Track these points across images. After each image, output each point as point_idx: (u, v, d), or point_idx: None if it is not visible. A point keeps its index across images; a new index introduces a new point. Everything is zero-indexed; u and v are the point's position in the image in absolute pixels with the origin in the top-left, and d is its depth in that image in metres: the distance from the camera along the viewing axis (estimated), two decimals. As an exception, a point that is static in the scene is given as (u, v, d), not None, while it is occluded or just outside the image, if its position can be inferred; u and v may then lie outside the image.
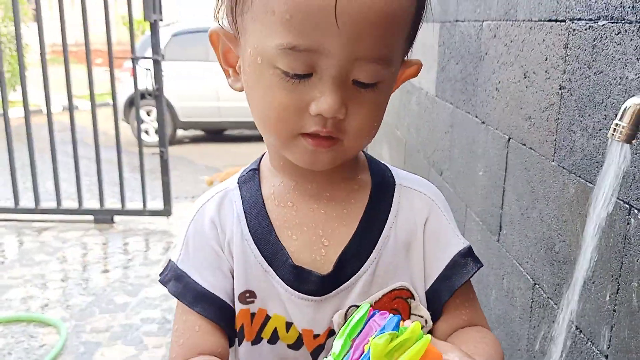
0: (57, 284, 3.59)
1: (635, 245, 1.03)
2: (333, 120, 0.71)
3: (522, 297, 1.51)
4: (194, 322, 0.81)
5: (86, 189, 5.03)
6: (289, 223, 0.83)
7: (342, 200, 0.84)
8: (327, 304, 0.81)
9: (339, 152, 0.75)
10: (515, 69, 1.55)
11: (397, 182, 0.87)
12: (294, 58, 0.68)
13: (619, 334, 1.08)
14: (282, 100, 0.71)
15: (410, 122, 2.76)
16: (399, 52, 0.75)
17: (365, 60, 0.69)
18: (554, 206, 1.33)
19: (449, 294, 0.83)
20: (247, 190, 0.86)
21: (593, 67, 1.17)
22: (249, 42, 0.73)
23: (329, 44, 0.67)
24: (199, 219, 0.85)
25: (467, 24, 1.94)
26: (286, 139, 0.74)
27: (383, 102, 0.76)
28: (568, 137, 1.26)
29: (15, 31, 4.50)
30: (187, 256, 0.84)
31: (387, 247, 0.82)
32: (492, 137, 1.71)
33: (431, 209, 0.86)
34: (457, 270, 0.83)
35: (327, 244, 0.82)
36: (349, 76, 0.70)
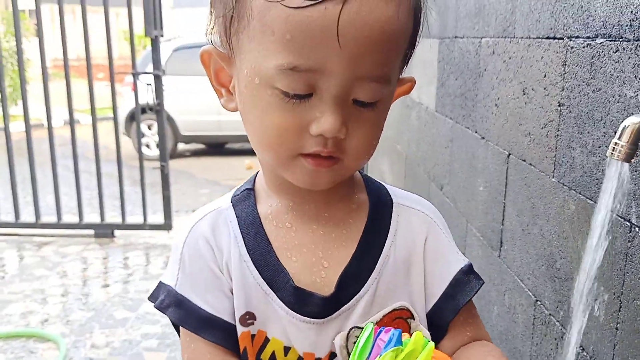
0: (57, 299, 3.58)
1: (636, 262, 1.03)
2: (334, 140, 0.70)
3: (524, 314, 1.51)
4: (203, 349, 0.80)
5: (87, 202, 5.02)
6: (288, 244, 0.81)
7: (341, 220, 0.83)
8: (328, 326, 0.80)
9: (338, 172, 0.75)
10: (514, 85, 1.56)
11: (395, 200, 0.86)
12: (295, 78, 0.67)
13: (622, 352, 1.07)
14: (282, 120, 0.70)
15: (410, 137, 2.77)
16: (397, 70, 0.75)
17: (366, 79, 0.69)
18: (554, 222, 1.33)
19: (453, 312, 0.82)
20: (242, 210, 0.84)
21: (591, 85, 1.17)
22: (245, 62, 0.72)
23: (330, 63, 0.66)
24: (193, 240, 0.82)
25: (466, 40, 1.94)
26: (285, 159, 0.73)
27: (382, 120, 0.76)
28: (567, 154, 1.27)
29: (16, 46, 4.53)
30: (185, 280, 0.81)
31: (387, 267, 0.81)
32: (492, 152, 1.71)
33: (430, 227, 0.85)
34: (460, 289, 0.83)
35: (327, 266, 0.81)
36: (349, 95, 0.70)
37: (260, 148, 0.76)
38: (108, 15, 4.32)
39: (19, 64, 4.55)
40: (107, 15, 4.30)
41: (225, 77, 0.79)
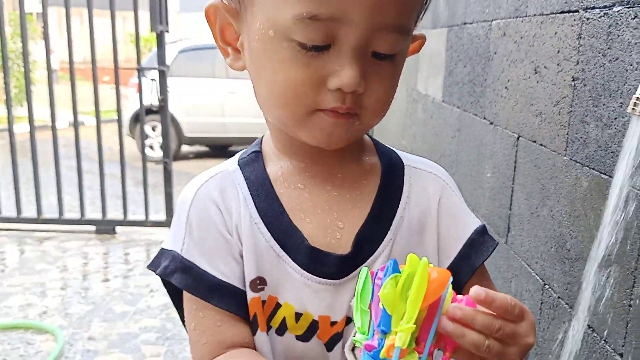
0: (56, 292, 3.54)
1: (652, 235, 0.98)
2: (352, 95, 0.67)
3: (530, 299, 1.46)
4: (213, 317, 0.75)
5: (89, 202, 4.99)
6: (301, 206, 0.78)
7: (354, 182, 0.80)
8: (345, 287, 0.76)
9: (355, 129, 0.72)
10: (525, 65, 1.52)
11: (406, 163, 0.84)
12: (314, 28, 0.64)
13: (635, 330, 1.03)
14: (298, 74, 0.67)
15: (416, 131, 2.73)
16: (413, 23, 0.72)
17: (386, 29, 0.66)
18: (565, 202, 1.29)
19: (470, 272, 0.80)
20: (250, 172, 0.80)
21: (608, 55, 1.13)
22: (258, 14, 0.68)
23: (352, 12, 0.63)
24: (200, 203, 0.78)
25: (476, 25, 1.91)
26: (302, 115, 0.70)
27: (398, 75, 0.73)
28: (581, 129, 1.23)
29: (22, 48, 4.52)
30: (192, 245, 0.76)
31: (402, 228, 0.79)
32: (500, 137, 1.67)
33: (443, 189, 0.83)
34: (475, 249, 0.80)
35: (342, 227, 0.78)
36: (369, 48, 0.67)
37: (274, 105, 0.73)
38: (114, 18, 4.31)
39: (25, 65, 4.54)
40: (114, 17, 4.29)
41: (231, 34, 0.76)
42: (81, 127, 4.66)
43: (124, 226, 4.67)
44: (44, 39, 4.38)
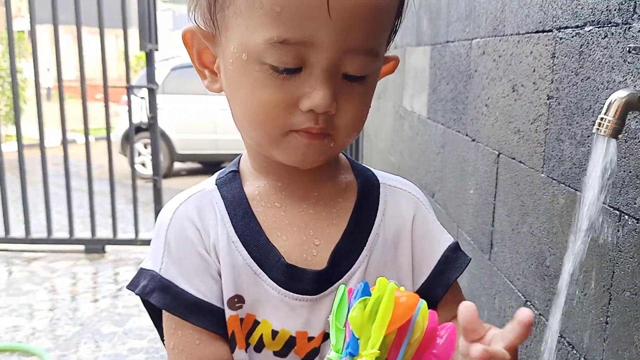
0: (44, 314, 3.52)
1: (626, 252, 0.99)
2: (324, 116, 0.69)
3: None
4: (191, 335, 0.76)
5: (80, 220, 4.97)
6: (278, 224, 0.79)
7: (331, 200, 0.82)
8: (322, 303, 0.78)
9: (328, 149, 0.74)
10: (503, 83, 1.53)
11: (381, 181, 0.86)
12: (284, 52, 0.66)
13: (612, 347, 1.03)
14: (272, 96, 0.68)
15: (403, 147, 2.74)
16: (384, 44, 0.75)
17: (356, 52, 0.68)
18: (544, 219, 1.30)
19: (444, 289, 0.82)
20: (228, 191, 0.81)
21: (580, 74, 1.15)
22: (232, 38, 0.70)
23: (320, 35, 0.65)
24: (178, 222, 0.79)
25: (457, 43, 1.93)
26: (276, 136, 0.72)
27: (370, 96, 0.75)
28: (557, 147, 1.24)
29: (10, 66, 4.53)
30: (171, 264, 0.77)
31: (377, 245, 0.81)
32: (482, 153, 1.69)
33: (417, 206, 0.85)
34: (449, 265, 0.83)
35: (319, 243, 0.79)
36: (340, 69, 0.68)
37: (249, 127, 0.74)
38: (103, 35, 4.31)
39: (13, 83, 4.54)
40: (102, 35, 4.30)
41: (208, 57, 0.78)
42: (73, 145, 4.66)
43: (114, 245, 4.65)
44: (33, 57, 4.38)
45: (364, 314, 0.58)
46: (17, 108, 4.58)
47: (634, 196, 0.97)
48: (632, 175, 0.98)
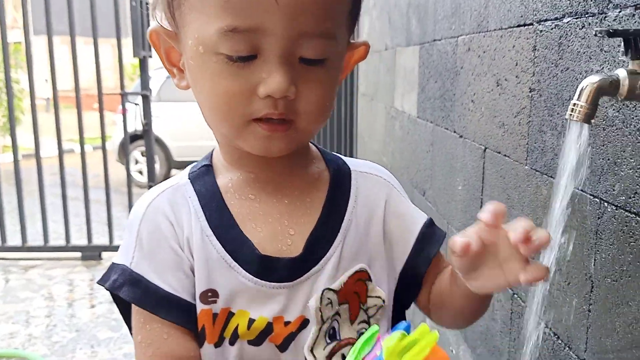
0: (40, 321, 3.51)
1: (606, 239, 1.00)
2: (284, 101, 0.69)
3: (502, 310, 1.46)
4: (160, 329, 0.76)
5: (77, 228, 4.96)
6: (252, 215, 0.80)
7: (304, 190, 0.83)
8: (299, 289, 0.78)
9: (293, 137, 0.74)
10: (488, 78, 1.54)
11: (352, 168, 0.87)
12: (236, 40, 0.67)
13: (594, 334, 1.03)
14: (229, 86, 0.69)
15: (394, 147, 2.75)
16: (343, 28, 0.74)
17: (309, 35, 0.68)
18: (528, 210, 1.30)
19: (426, 264, 0.85)
20: (201, 185, 0.82)
21: (560, 65, 1.16)
22: (189, 33, 0.71)
23: (269, 22, 0.65)
24: (151, 216, 0.79)
25: (444, 41, 1.94)
26: (238, 126, 0.72)
27: (332, 80, 0.75)
28: (539, 139, 1.24)
29: (4, 76, 4.55)
30: (142, 258, 0.77)
31: (351, 230, 0.82)
32: (469, 149, 1.69)
33: (389, 190, 0.87)
34: (427, 241, 0.85)
35: (293, 233, 0.80)
36: (295, 54, 0.69)
37: (213, 118, 0.75)
38: (97, 44, 4.33)
39: (8, 94, 4.56)
40: (96, 43, 4.31)
41: (175, 55, 0.79)
42: (71, 155, 4.67)
43: (110, 252, 4.64)
44: (28, 68, 4.40)
45: (398, 344, 0.60)
46: (13, 118, 4.59)
47: (612, 183, 0.98)
48: (611, 162, 0.99)
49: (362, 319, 0.82)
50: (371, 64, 3.36)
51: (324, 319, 0.79)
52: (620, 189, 0.95)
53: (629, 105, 0.93)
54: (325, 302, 0.79)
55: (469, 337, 1.71)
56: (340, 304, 0.80)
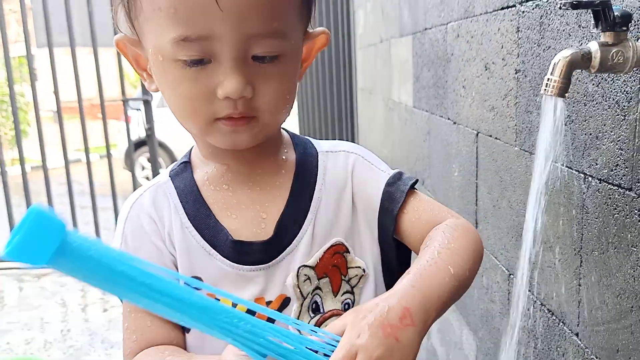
0: (55, 326, 3.56)
1: (592, 212, 1.01)
2: (242, 100, 0.73)
3: (499, 291, 1.48)
4: (144, 318, 0.81)
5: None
6: (227, 204, 0.85)
7: (272, 174, 0.87)
8: (275, 270, 0.82)
9: (257, 129, 0.77)
10: (477, 62, 1.56)
11: (319, 150, 0.90)
12: (189, 48, 0.70)
13: (586, 308, 1.05)
14: (190, 90, 0.73)
15: (393, 139, 2.77)
16: (294, 24, 0.77)
17: (259, 36, 0.71)
18: (520, 191, 1.32)
19: (392, 222, 0.84)
20: (180, 181, 0.87)
21: (542, 45, 1.17)
22: (149, 42, 0.75)
23: (217, 28, 0.69)
24: (135, 215, 0.85)
25: (435, 29, 1.95)
26: (203, 126, 0.77)
27: (290, 74, 0.78)
28: (526, 119, 1.26)
29: (9, 89, 4.60)
30: None
31: (321, 208, 0.85)
32: (463, 135, 1.71)
33: (355, 160, 0.89)
34: (390, 200, 0.84)
35: (265, 217, 0.84)
36: (247, 54, 0.72)
37: (180, 120, 0.80)
38: (97, 53, 4.37)
39: (13, 107, 4.61)
40: (96, 52, 4.35)
41: (142, 61, 0.83)
42: (78, 164, 4.71)
43: (121, 256, 4.68)
44: (30, 81, 4.47)
45: None
46: (19, 131, 4.66)
47: (595, 157, 0.99)
48: (593, 137, 1.00)
49: (345, 289, 0.85)
50: (368, 57, 3.38)
51: (303, 294, 0.82)
52: (603, 163, 0.97)
53: (607, 79, 0.95)
54: (303, 279, 0.82)
55: (470, 321, 1.73)
56: (320, 278, 0.83)
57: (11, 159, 10.01)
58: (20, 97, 10.17)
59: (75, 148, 8.41)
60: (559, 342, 1.16)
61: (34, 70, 4.61)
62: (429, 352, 2.30)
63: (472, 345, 1.73)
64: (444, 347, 2.04)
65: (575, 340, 1.09)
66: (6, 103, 10.89)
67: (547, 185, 0.87)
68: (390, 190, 0.85)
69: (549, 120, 0.83)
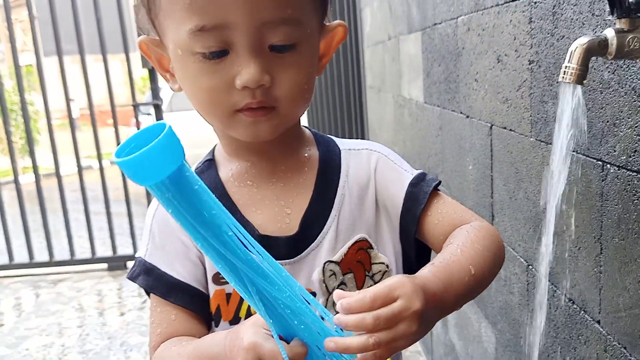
0: (72, 331, 3.59)
1: (611, 200, 1.01)
2: (260, 89, 0.74)
3: (518, 282, 1.48)
4: (169, 312, 0.84)
5: (101, 242, 5.03)
6: (252, 200, 0.86)
7: (296, 171, 0.88)
8: (301, 265, 0.84)
9: (277, 120, 0.79)
10: (489, 55, 1.56)
11: (342, 148, 0.92)
12: (207, 38, 0.72)
13: (607, 295, 1.05)
14: (209, 82, 0.75)
15: (405, 135, 2.77)
16: (309, 12, 0.78)
17: (273, 23, 0.72)
18: (536, 182, 1.32)
19: (414, 224, 0.85)
20: (205, 178, 0.88)
21: (555, 34, 1.18)
22: (169, 39, 0.77)
23: (233, 16, 0.70)
24: (162, 211, 0.87)
25: (445, 24, 1.96)
26: (224, 118, 0.78)
27: (307, 64, 0.79)
28: (541, 109, 1.26)
29: (19, 98, 4.65)
30: (154, 249, 0.86)
31: (344, 204, 0.87)
32: (476, 128, 1.71)
33: (378, 158, 0.90)
34: (413, 200, 0.86)
35: (290, 212, 0.86)
36: (264, 43, 0.73)
37: (202, 113, 0.82)
38: (106, 60, 4.40)
39: (24, 115, 4.67)
40: (105, 59, 4.39)
41: (165, 61, 0.84)
42: (90, 171, 4.75)
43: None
44: (41, 89, 4.52)
45: None
46: (31, 139, 4.71)
47: (613, 144, 1.00)
48: (610, 124, 1.00)
49: (368, 284, 0.86)
50: (376, 55, 3.38)
51: (329, 289, 0.84)
52: (621, 149, 0.97)
53: (623, 66, 0.95)
54: (328, 274, 0.84)
55: (489, 313, 1.73)
56: (345, 274, 0.84)
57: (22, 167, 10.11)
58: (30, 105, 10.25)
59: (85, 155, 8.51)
60: (581, 330, 1.16)
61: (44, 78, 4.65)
62: (447, 347, 2.31)
63: (492, 338, 1.73)
64: (462, 341, 2.04)
65: (597, 328, 1.10)
66: (15, 112, 10.99)
67: (566, 174, 0.87)
68: (414, 191, 0.86)
69: (567, 108, 0.84)
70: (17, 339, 3.52)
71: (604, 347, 1.07)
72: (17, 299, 4.29)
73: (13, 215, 4.80)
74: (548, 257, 0.95)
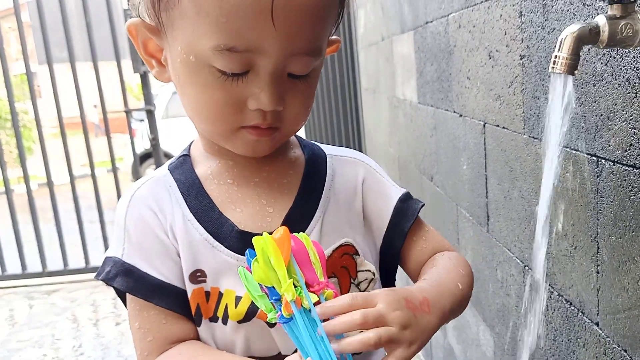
0: (67, 342, 3.54)
1: (607, 196, 0.97)
2: (272, 112, 0.73)
3: (515, 284, 1.44)
4: (157, 315, 0.80)
5: (96, 250, 4.99)
6: (231, 198, 0.83)
7: (281, 172, 0.86)
8: None
9: (277, 138, 0.79)
10: (480, 52, 1.52)
11: (327, 152, 0.92)
12: (232, 58, 0.69)
13: (605, 296, 1.01)
14: (221, 97, 0.72)
15: (400, 137, 2.73)
16: (327, 40, 0.79)
17: (300, 54, 0.72)
18: (530, 180, 1.28)
19: (401, 238, 0.88)
20: (180, 174, 0.85)
21: (546, 27, 1.14)
22: (178, 38, 0.73)
23: (266, 43, 0.68)
24: (135, 208, 0.83)
25: (436, 22, 1.92)
26: (227, 132, 0.76)
27: (314, 88, 0.80)
28: (534, 105, 1.22)
29: (9, 109, 4.62)
30: (132, 249, 0.81)
31: (329, 207, 0.85)
32: (469, 127, 1.67)
33: (366, 169, 0.91)
34: (402, 216, 0.88)
35: (272, 211, 0.83)
36: (285, 70, 0.72)
37: (200, 121, 0.78)
38: (97, 66, 4.37)
39: (14, 124, 4.64)
40: (96, 66, 4.36)
41: (154, 47, 0.80)
42: (86, 179, 4.71)
43: (130, 269, 4.66)
44: (31, 98, 4.50)
45: (260, 268, 0.66)
46: (21, 147, 4.69)
47: (607, 139, 0.96)
48: (604, 117, 0.97)
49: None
50: (370, 57, 3.35)
51: None
52: (616, 143, 0.93)
53: (616, 56, 0.91)
54: None
55: (487, 316, 1.69)
56: (329, 277, 0.80)
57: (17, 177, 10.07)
58: (24, 114, 10.23)
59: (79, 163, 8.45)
60: (579, 332, 1.12)
61: (37, 87, 4.62)
62: (445, 351, 2.26)
63: (490, 342, 1.69)
64: (461, 344, 2.00)
65: (596, 330, 1.06)
66: (9, 121, 10.97)
67: (559, 170, 0.83)
68: (403, 207, 0.88)
69: (557, 100, 0.80)
70: (9, 352, 3.47)
71: (603, 349, 1.03)
72: (10, 310, 4.24)
73: (5, 226, 4.75)
74: (543, 258, 0.91)
